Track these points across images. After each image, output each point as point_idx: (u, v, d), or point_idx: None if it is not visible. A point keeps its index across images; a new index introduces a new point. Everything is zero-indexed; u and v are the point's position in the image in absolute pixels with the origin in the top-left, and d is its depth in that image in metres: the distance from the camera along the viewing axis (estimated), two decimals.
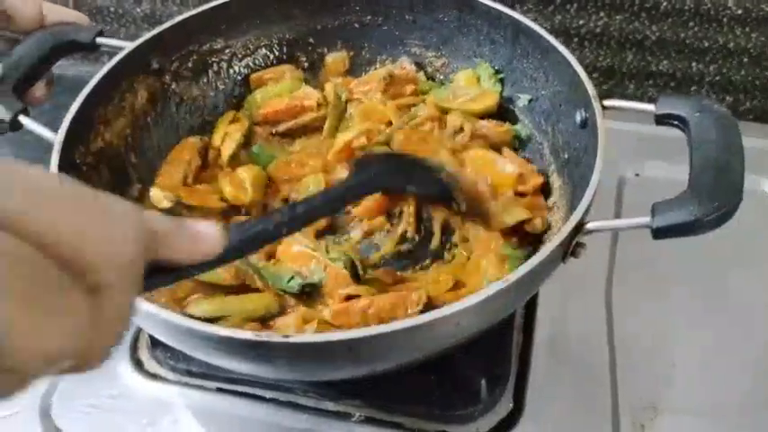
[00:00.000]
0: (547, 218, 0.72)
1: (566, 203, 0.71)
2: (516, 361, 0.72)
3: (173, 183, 0.76)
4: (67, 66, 0.78)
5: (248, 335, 0.50)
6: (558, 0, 0.98)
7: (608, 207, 0.85)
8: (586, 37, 1.01)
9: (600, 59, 1.03)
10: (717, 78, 1.02)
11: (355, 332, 0.50)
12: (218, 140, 0.82)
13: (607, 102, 0.65)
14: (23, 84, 0.70)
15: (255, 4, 0.85)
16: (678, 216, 0.54)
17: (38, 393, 0.71)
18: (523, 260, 0.67)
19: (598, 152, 0.61)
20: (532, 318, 0.75)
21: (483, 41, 0.84)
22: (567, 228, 0.55)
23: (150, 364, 0.73)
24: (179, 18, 0.79)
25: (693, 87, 1.03)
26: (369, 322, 0.62)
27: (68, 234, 0.28)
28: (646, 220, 0.55)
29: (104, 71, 0.72)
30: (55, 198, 0.28)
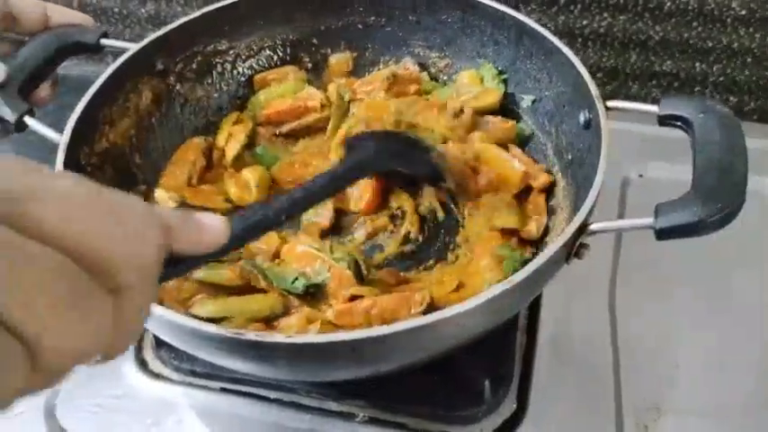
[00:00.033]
0: (544, 223, 0.72)
1: (569, 204, 0.71)
2: (520, 362, 0.72)
3: (177, 183, 0.77)
4: (72, 66, 0.78)
5: (252, 335, 0.50)
6: (562, 1, 0.98)
7: (611, 208, 0.85)
8: (590, 37, 1.01)
9: (603, 60, 1.03)
10: (721, 79, 1.01)
11: (358, 333, 0.50)
12: (222, 141, 0.82)
13: (610, 103, 0.65)
14: (28, 85, 0.70)
15: (260, 6, 0.85)
16: (681, 217, 0.54)
17: (42, 393, 0.71)
18: (521, 262, 0.67)
19: (601, 153, 0.61)
20: (536, 319, 0.75)
21: (486, 42, 0.84)
22: (571, 229, 0.55)
23: (155, 364, 0.74)
24: (183, 19, 0.79)
25: (697, 88, 1.03)
26: (372, 323, 0.62)
27: (94, 239, 0.28)
28: (649, 221, 0.55)
29: (109, 72, 0.72)
30: (82, 205, 0.28)
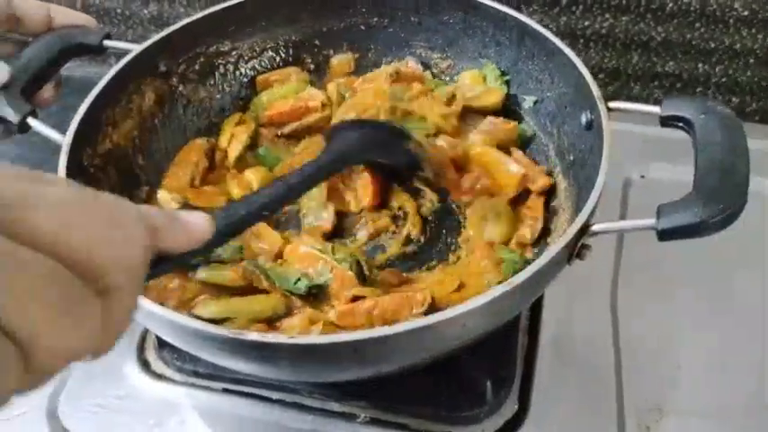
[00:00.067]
0: (539, 227, 0.72)
1: (571, 205, 0.71)
2: (521, 363, 0.72)
3: (180, 184, 0.77)
4: (75, 67, 0.78)
5: (254, 336, 0.50)
6: (564, 1, 0.98)
7: (613, 209, 0.85)
8: (592, 38, 1.01)
9: (605, 61, 1.03)
10: (723, 80, 1.01)
11: (360, 333, 0.50)
12: (224, 142, 0.82)
13: (612, 104, 0.65)
14: (32, 86, 0.70)
15: (264, 7, 0.85)
16: (683, 218, 0.53)
17: (45, 394, 0.71)
18: (522, 263, 0.67)
19: (603, 154, 0.61)
20: (538, 319, 0.75)
21: (488, 43, 0.84)
22: (573, 230, 0.55)
23: (157, 365, 0.74)
24: (186, 20, 0.80)
25: (699, 89, 1.03)
26: (374, 323, 0.62)
27: (85, 244, 0.28)
28: (651, 222, 0.54)
29: (112, 73, 0.73)
30: (74, 211, 0.29)
